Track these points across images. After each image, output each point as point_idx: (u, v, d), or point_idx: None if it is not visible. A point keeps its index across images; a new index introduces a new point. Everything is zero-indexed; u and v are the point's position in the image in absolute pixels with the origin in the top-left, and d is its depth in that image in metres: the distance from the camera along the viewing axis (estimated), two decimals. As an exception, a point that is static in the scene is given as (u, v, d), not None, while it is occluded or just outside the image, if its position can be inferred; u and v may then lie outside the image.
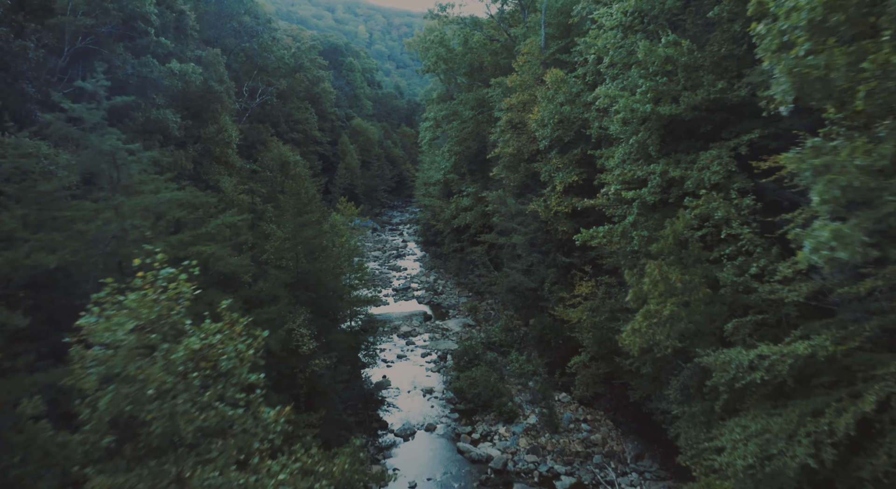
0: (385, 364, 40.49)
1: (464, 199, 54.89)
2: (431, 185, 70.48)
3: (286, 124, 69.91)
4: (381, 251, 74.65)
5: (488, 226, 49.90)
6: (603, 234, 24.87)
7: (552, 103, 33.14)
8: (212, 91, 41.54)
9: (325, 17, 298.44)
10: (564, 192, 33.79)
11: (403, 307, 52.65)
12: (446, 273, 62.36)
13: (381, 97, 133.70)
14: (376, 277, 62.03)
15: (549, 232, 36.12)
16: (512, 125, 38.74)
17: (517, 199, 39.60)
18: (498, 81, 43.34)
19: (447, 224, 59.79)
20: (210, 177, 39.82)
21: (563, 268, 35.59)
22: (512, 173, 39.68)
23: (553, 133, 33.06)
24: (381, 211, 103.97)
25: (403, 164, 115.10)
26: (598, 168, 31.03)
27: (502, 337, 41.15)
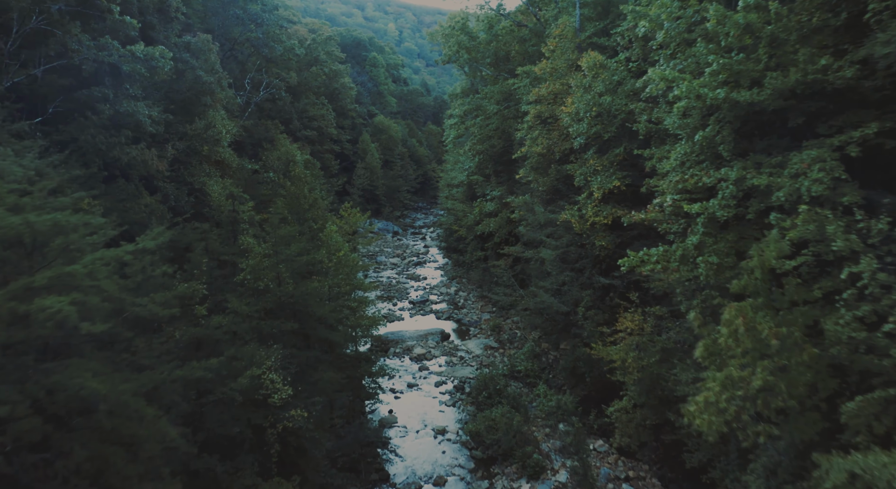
0: (393, 394, 35.24)
1: (487, 204, 49.40)
2: (454, 187, 65.20)
3: (299, 121, 65.14)
4: (400, 258, 69.48)
5: (514, 234, 44.33)
6: (656, 259, 19.24)
7: (589, 93, 27.56)
8: (200, 81, 36.71)
9: (354, 14, 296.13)
10: (603, 200, 28.19)
11: (419, 323, 47.35)
12: (469, 283, 56.93)
13: (406, 94, 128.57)
14: (392, 287, 56.86)
15: (583, 246, 30.49)
16: (541, 120, 33.16)
17: (546, 207, 34.00)
18: (525, 70, 37.75)
19: (470, 230, 54.35)
20: (195, 179, 34.96)
21: (600, 290, 29.94)
22: (541, 176, 34.09)
23: (590, 129, 27.47)
24: (403, 213, 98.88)
25: (429, 164, 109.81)
26: (645, 171, 25.40)
27: (528, 365, 35.61)
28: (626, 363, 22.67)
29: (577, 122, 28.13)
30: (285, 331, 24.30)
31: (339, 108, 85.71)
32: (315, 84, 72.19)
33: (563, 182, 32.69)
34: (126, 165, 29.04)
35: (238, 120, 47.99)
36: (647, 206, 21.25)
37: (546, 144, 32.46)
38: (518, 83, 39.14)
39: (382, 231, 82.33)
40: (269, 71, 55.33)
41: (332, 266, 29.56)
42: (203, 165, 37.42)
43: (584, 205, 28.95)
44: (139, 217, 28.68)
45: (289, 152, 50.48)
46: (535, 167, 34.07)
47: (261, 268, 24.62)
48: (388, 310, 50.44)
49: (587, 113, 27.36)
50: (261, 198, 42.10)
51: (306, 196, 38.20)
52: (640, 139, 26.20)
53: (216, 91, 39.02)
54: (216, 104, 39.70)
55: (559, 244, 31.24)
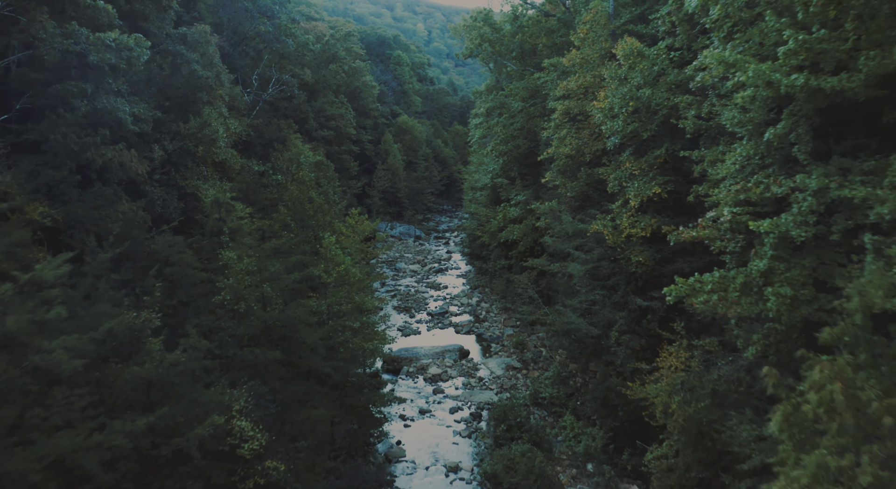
0: (403, 422, 31.74)
1: (511, 209, 45.69)
2: (478, 190, 61.67)
3: (315, 120, 62.08)
4: (420, 264, 66.02)
5: (540, 244, 40.56)
6: (711, 287, 15.42)
7: (625, 85, 23.80)
8: (196, 76, 33.68)
9: (383, 14, 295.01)
10: (641, 209, 24.42)
11: (437, 338, 43.83)
12: (492, 293, 53.24)
13: (431, 93, 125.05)
14: (410, 297, 53.43)
15: (617, 261, 26.69)
16: (569, 117, 29.43)
17: (575, 215, 30.25)
18: (552, 63, 34.00)
19: (493, 237, 50.66)
20: (188, 182, 31.91)
21: (636, 312, 26.12)
22: (569, 180, 30.34)
23: (626, 126, 23.72)
24: (427, 216, 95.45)
25: (454, 165, 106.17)
26: (692, 177, 21.60)
27: (553, 392, 31.85)
28: (671, 410, 18.83)
29: (611, 119, 24.37)
30: (270, 361, 20.94)
31: (360, 107, 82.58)
32: (333, 82, 69.06)
33: (594, 187, 28.91)
34: (101, 168, 26.03)
35: (245, 119, 44.98)
36: (699, 220, 17.42)
37: (575, 145, 28.71)
38: (544, 77, 35.39)
39: (403, 235, 79.03)
40: (283, 67, 52.28)
41: (331, 282, 26.17)
42: (200, 167, 34.46)
43: (618, 214, 25.18)
44: (114, 226, 25.64)
45: (300, 153, 47.32)
46: (563, 170, 30.32)
47: (242, 288, 21.28)
48: (405, 322, 47.03)
49: (623, 108, 23.60)
50: (265, 203, 39.00)
51: (315, 200, 35.00)
52: (686, 138, 22.42)
53: (214, 87, 35.99)
54: (216, 101, 36.70)
55: (589, 258, 27.46)
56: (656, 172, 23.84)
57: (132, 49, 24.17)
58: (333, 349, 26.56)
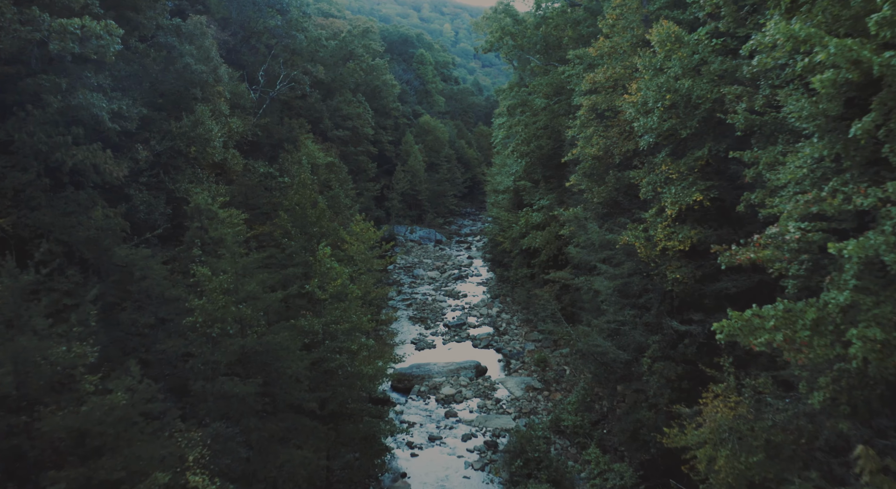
0: (410, 450, 28.80)
1: (534, 214, 42.52)
2: (500, 193, 58.50)
3: (331, 120, 59.46)
4: (439, 271, 63.02)
5: (564, 254, 37.35)
6: (773, 323, 12.19)
7: (661, 76, 20.60)
8: (189, 70, 31.15)
9: (410, 15, 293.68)
10: (678, 219, 21.20)
11: (453, 353, 40.82)
12: (513, 304, 50.06)
13: (455, 93, 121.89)
14: (426, 307, 50.48)
15: (650, 277, 23.46)
16: (596, 113, 26.26)
17: (602, 223, 27.05)
18: (578, 54, 30.81)
19: (514, 244, 47.52)
20: (179, 185, 29.35)
21: (672, 335, 22.85)
22: (595, 185, 27.14)
23: (662, 123, 20.52)
24: (449, 219, 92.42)
25: (478, 167, 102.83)
26: (742, 182, 18.35)
27: (577, 420, 28.65)
28: (716, 465, 15.57)
29: (645, 115, 21.18)
30: (248, 393, 18.13)
31: (379, 106, 79.84)
32: (351, 80, 66.40)
33: (623, 193, 25.68)
34: (72, 170, 23.52)
35: (251, 118, 42.47)
36: (755, 236, 14.16)
37: (603, 145, 25.51)
38: (569, 70, 32.19)
39: (423, 239, 76.11)
40: (295, 64, 49.71)
41: (326, 298, 23.30)
42: (195, 169, 31.92)
43: (651, 224, 21.95)
44: (87, 234, 23.12)
45: (309, 154, 44.67)
46: (589, 173, 27.12)
47: (215, 309, 18.49)
48: (419, 334, 44.09)
49: (658, 102, 20.39)
50: (267, 207, 36.37)
51: (319, 204, 32.22)
52: (733, 137, 19.17)
53: (211, 82, 33.44)
54: (214, 98, 34.15)
55: (618, 273, 24.24)
56: (697, 176, 20.58)
57: (101, 37, 21.54)
58: (331, 373, 23.74)
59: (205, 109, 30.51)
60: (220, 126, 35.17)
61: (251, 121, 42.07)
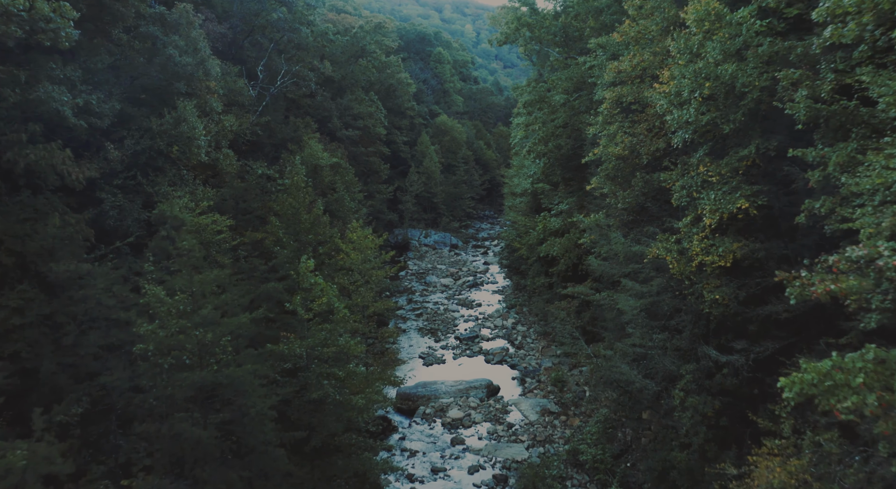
0: (410, 484, 25.78)
1: (552, 220, 39.34)
2: (518, 196, 55.43)
3: (340, 119, 56.70)
4: (453, 278, 59.92)
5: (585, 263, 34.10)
6: (862, 380, 8.99)
7: (698, 61, 17.43)
8: (173, 62, 28.47)
9: (431, 16, 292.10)
10: (719, 229, 17.99)
11: (463, 369, 37.77)
12: (529, 315, 46.87)
13: (474, 93, 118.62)
14: (437, 317, 47.45)
15: (683, 297, 20.22)
16: (621, 107, 23.08)
17: (628, 233, 23.84)
18: (600, 43, 27.63)
19: (532, 250, 44.35)
20: (158, 188, 26.66)
21: (709, 364, 19.60)
22: (620, 188, 23.94)
23: (700, 116, 17.36)
24: (466, 223, 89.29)
25: (497, 169, 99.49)
26: (798, 187, 15.16)
27: (597, 452, 25.41)
28: (775, 546, 12.37)
29: (679, 107, 17.99)
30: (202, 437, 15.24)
31: (394, 106, 77.01)
32: (363, 78, 63.63)
33: (652, 198, 22.45)
34: (27, 172, 20.87)
35: (250, 116, 39.78)
36: (828, 258, 10.95)
37: (628, 143, 22.31)
38: (591, 61, 28.98)
39: (438, 244, 73.08)
40: (301, 60, 46.96)
41: (309, 318, 20.38)
42: (180, 171, 29.27)
43: (686, 235, 18.77)
44: (44, 244, 20.47)
45: (312, 154, 41.89)
46: (613, 175, 23.91)
47: (167, 336, 15.63)
48: (428, 348, 41.08)
49: (695, 92, 17.21)
50: (262, 212, 33.57)
51: (315, 209, 29.43)
52: (787, 131, 15.95)
53: (199, 76, 30.74)
54: (204, 94, 31.46)
55: (646, 291, 21.02)
56: (742, 179, 17.34)
57: (50, 20, 18.82)
58: (317, 402, 20.83)
59: (188, 105, 27.75)
60: (213, 124, 32.63)
61: (249, 119, 39.36)
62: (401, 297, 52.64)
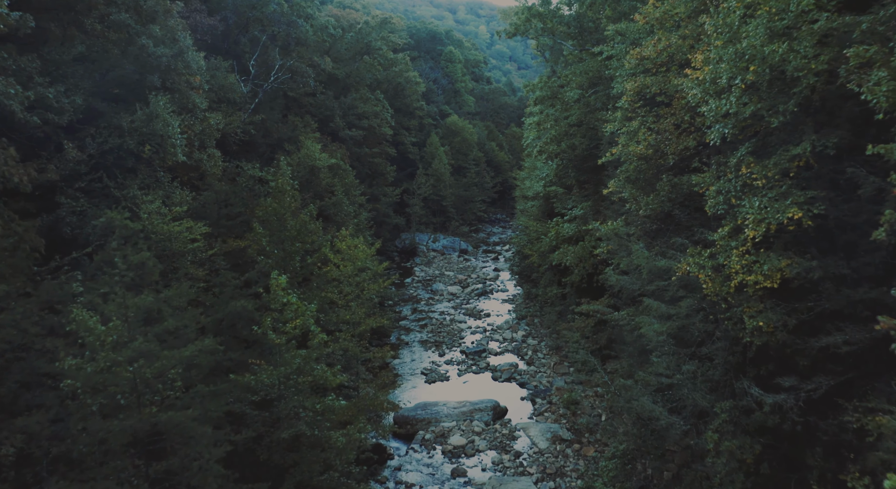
0: (403, 524, 22.94)
1: (565, 226, 36.38)
2: (529, 200, 52.43)
3: (343, 119, 54.02)
4: (461, 285, 56.97)
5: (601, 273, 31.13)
6: None
7: (739, 42, 14.51)
8: (146, 54, 25.89)
9: (445, 17, 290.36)
10: (763, 244, 15.03)
11: (469, 388, 34.90)
12: (541, 326, 43.93)
13: (487, 93, 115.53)
14: (443, 328, 44.59)
15: (717, 321, 17.26)
16: (644, 100, 20.13)
17: (651, 243, 20.86)
18: (619, 29, 24.69)
19: (543, 258, 41.41)
20: (127, 191, 24.06)
21: (748, 401, 16.61)
22: (642, 193, 20.97)
23: (742, 107, 14.39)
24: (477, 227, 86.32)
25: (509, 171, 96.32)
26: (870, 194, 12.23)
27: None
28: None
29: (716, 97, 15.06)
30: None
31: (402, 105, 74.28)
32: (369, 76, 61.00)
33: (680, 204, 19.48)
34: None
35: (241, 114, 37.18)
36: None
37: (652, 141, 19.36)
38: (608, 50, 26.02)
39: (447, 249, 70.16)
40: (301, 55, 44.36)
41: (281, 343, 17.60)
42: (155, 172, 26.68)
43: (723, 249, 15.81)
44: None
45: (309, 155, 39.22)
46: (634, 178, 20.93)
47: (98, 372, 12.90)
48: (431, 363, 38.22)
49: (737, 78, 14.26)
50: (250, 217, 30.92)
51: (302, 216, 26.70)
52: (850, 124, 13.02)
53: (179, 69, 28.13)
54: (184, 88, 28.84)
55: (673, 313, 18.04)
56: (792, 183, 14.37)
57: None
58: (295, 440, 18.07)
59: (161, 100, 25.13)
60: (197, 121, 30.03)
61: (241, 117, 36.75)
62: (405, 306, 49.82)
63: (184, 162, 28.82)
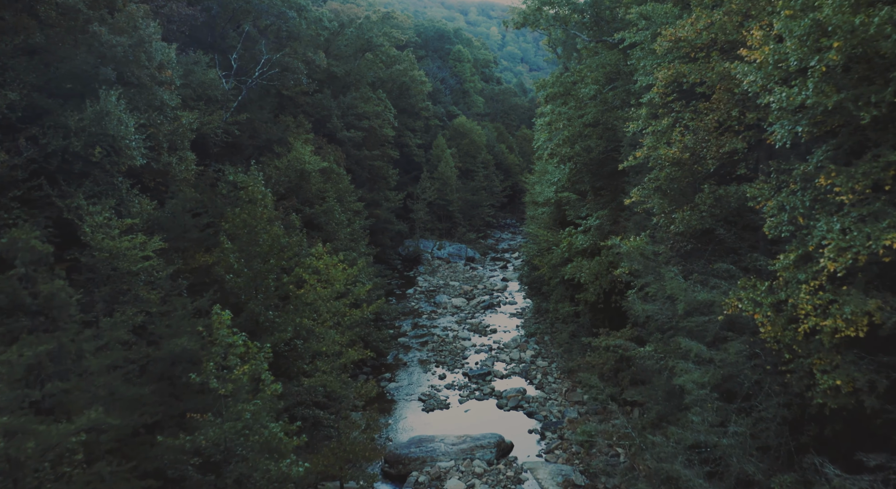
0: None
1: (579, 237, 32.75)
2: (540, 206, 48.83)
3: (341, 119, 50.59)
4: (466, 297, 53.32)
5: (621, 293, 27.47)
6: None
7: (817, 11, 10.88)
8: (99, 43, 22.56)
9: (456, 18, 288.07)
10: (843, 279, 11.39)
11: (470, 417, 31.35)
12: (552, 345, 40.30)
13: (496, 94, 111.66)
14: (445, 346, 41.04)
15: (777, 372, 13.57)
16: (678, 92, 16.50)
17: (686, 267, 17.18)
18: (644, 12, 21.04)
19: (554, 271, 37.81)
20: (72, 201, 20.74)
21: (816, 476, 12.94)
22: (674, 206, 17.31)
23: (823, 97, 10.73)
24: (486, 232, 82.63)
25: (520, 174, 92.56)
26: None
27: (640, 563, 18.73)
28: None
29: (783, 85, 11.45)
30: None
31: (407, 105, 70.77)
32: (370, 74, 57.59)
33: (725, 221, 15.82)
34: None
35: (222, 112, 33.79)
36: None
37: (689, 142, 15.73)
38: (630, 36, 22.35)
39: (452, 257, 66.57)
40: (292, 50, 40.99)
41: (226, 393, 14.09)
42: (112, 178, 23.36)
43: (788, 282, 12.19)
44: None
45: (298, 158, 35.80)
46: (665, 187, 17.29)
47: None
48: (430, 388, 34.64)
49: (812, 60, 10.67)
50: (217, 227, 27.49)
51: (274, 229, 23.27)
52: None
53: (142, 61, 24.75)
54: (148, 83, 25.49)
55: (718, 358, 14.38)
56: (887, 200, 10.76)
57: None
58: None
59: (114, 96, 21.78)
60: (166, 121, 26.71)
61: (222, 116, 33.40)
62: (406, 321, 46.29)
63: (149, 165, 25.68)
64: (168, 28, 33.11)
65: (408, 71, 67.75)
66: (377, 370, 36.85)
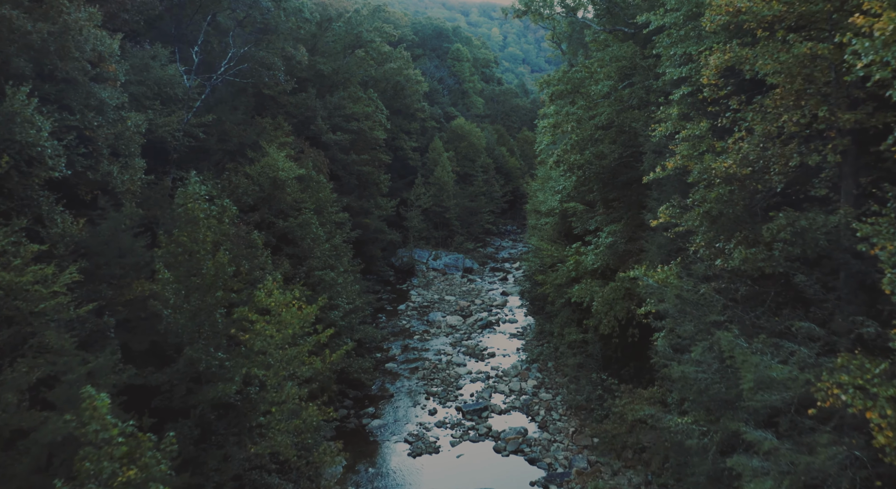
0: None
1: (589, 256, 28.61)
2: (543, 216, 44.72)
3: (327, 121, 46.47)
4: (462, 315, 49.07)
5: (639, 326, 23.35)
6: None
7: None
8: (9, 29, 18.42)
9: (457, 19, 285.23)
10: None
11: (463, 464, 27.18)
12: (556, 373, 36.12)
13: (497, 94, 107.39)
14: (437, 374, 36.89)
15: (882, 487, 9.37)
16: (736, 84, 12.33)
17: (740, 315, 12.98)
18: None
19: (559, 291, 33.69)
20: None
21: None
22: (726, 237, 13.09)
23: None
24: (486, 239, 78.44)
25: (521, 178, 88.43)
26: None
27: None
28: None
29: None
30: None
31: (402, 106, 66.71)
32: (360, 72, 53.51)
33: (808, 264, 11.64)
34: None
35: (183, 113, 29.66)
36: None
37: (751, 153, 11.55)
38: (657, 19, 18.18)
39: (449, 268, 62.35)
40: (270, 44, 36.90)
41: None
42: (33, 193, 19.37)
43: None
44: None
45: (271, 165, 31.70)
46: (715, 214, 13.07)
47: None
48: (418, 427, 30.44)
49: None
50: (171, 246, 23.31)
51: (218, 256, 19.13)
52: None
53: (72, 52, 20.62)
54: (86, 80, 21.40)
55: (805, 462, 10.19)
56: None
57: None
58: None
59: (23, 93, 17.69)
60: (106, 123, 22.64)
61: (181, 117, 29.30)
62: (395, 343, 42.14)
63: (84, 175, 21.64)
64: (121, 18, 29.08)
65: (402, 69, 63.63)
66: (359, 403, 32.70)
